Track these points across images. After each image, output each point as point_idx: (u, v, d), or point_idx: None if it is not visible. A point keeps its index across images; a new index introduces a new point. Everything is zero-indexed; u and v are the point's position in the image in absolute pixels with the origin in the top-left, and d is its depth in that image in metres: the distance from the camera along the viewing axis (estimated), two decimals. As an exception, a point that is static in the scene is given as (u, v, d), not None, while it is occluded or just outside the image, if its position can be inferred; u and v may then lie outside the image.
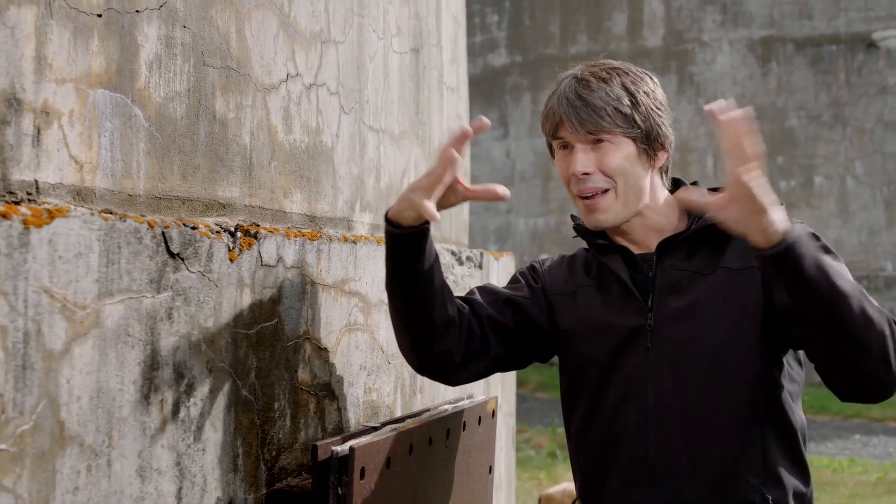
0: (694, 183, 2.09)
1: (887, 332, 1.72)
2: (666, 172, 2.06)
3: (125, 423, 1.49)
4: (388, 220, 1.89)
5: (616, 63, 2.03)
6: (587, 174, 1.95)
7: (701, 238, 1.98)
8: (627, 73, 1.99)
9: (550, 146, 2.05)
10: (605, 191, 1.96)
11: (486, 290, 2.11)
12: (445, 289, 1.97)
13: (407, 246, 1.89)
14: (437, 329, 1.96)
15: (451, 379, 2.09)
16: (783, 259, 1.67)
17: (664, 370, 1.94)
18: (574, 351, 2.06)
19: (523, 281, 2.14)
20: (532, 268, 2.18)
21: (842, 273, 1.73)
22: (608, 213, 1.97)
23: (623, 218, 1.98)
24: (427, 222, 1.87)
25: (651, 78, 2.03)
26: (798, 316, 1.78)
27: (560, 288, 2.10)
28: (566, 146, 1.99)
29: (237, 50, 1.93)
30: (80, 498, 1.40)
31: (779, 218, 1.66)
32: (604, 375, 2.00)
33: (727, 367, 1.91)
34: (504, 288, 2.13)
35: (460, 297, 2.05)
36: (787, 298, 1.76)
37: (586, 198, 1.97)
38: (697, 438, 1.92)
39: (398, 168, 2.80)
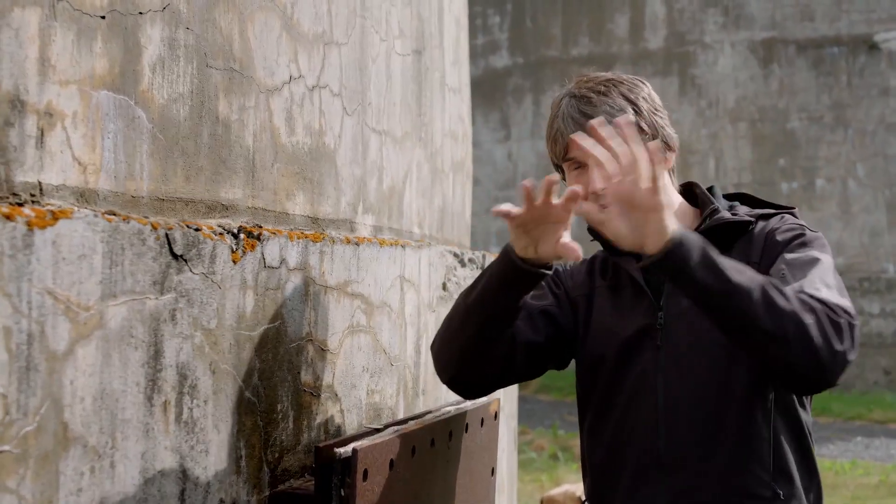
0: (710, 188, 2.11)
1: (808, 320, 1.71)
2: (673, 172, 2.08)
3: (128, 424, 1.49)
4: (515, 253, 1.89)
5: (607, 74, 2.05)
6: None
7: (711, 239, 1.99)
8: (622, 83, 2.01)
9: (559, 168, 2.05)
10: None
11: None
12: (512, 328, 2.01)
13: (525, 283, 1.92)
14: (493, 358, 2.01)
15: (472, 396, 2.16)
16: (672, 260, 1.70)
17: (673, 367, 1.97)
18: (588, 350, 2.09)
19: (546, 288, 2.16)
20: (556, 271, 2.19)
21: (741, 270, 1.73)
22: None
23: None
24: (550, 266, 1.90)
25: (643, 83, 2.05)
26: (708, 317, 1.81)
27: (579, 290, 2.14)
28: (579, 165, 1.99)
29: (240, 52, 1.93)
30: (84, 499, 1.40)
31: (672, 221, 1.71)
32: (615, 373, 2.02)
33: (735, 363, 1.93)
34: (532, 299, 2.13)
35: None
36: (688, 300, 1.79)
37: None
38: (707, 434, 1.94)
39: (400, 170, 2.80)
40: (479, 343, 1.99)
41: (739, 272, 1.73)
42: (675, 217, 1.72)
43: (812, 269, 1.85)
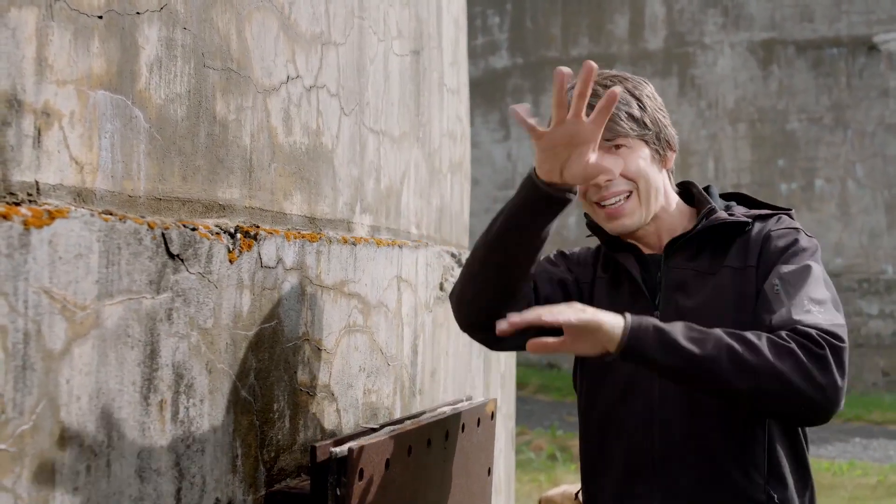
0: (707, 188, 2.11)
1: (783, 367, 1.73)
2: (671, 172, 2.09)
3: (124, 423, 1.50)
4: (538, 178, 1.86)
5: (613, 71, 2.05)
6: (610, 181, 1.96)
7: (707, 238, 2.00)
8: (628, 80, 2.02)
9: None
10: (628, 195, 1.97)
11: (539, 264, 2.11)
12: (533, 269, 2.00)
13: (551, 209, 1.88)
14: (515, 294, 1.98)
15: (495, 345, 2.12)
16: (632, 355, 1.76)
17: None
18: None
19: (564, 264, 2.16)
20: (562, 254, 2.19)
21: (703, 339, 1.76)
22: (632, 216, 1.99)
23: (645, 220, 2.00)
24: (576, 190, 1.87)
25: (646, 82, 2.06)
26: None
27: (583, 277, 2.14)
28: None
29: (237, 52, 1.94)
30: (80, 498, 1.41)
31: (613, 322, 1.76)
32: (611, 371, 2.03)
33: None
34: (553, 266, 2.14)
35: None
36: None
37: (606, 205, 1.98)
38: (700, 435, 1.94)
39: (398, 170, 2.81)
40: (502, 282, 1.96)
41: (701, 342, 1.75)
42: (605, 317, 1.77)
43: (803, 283, 1.87)
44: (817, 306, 1.83)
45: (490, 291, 1.97)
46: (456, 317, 2.07)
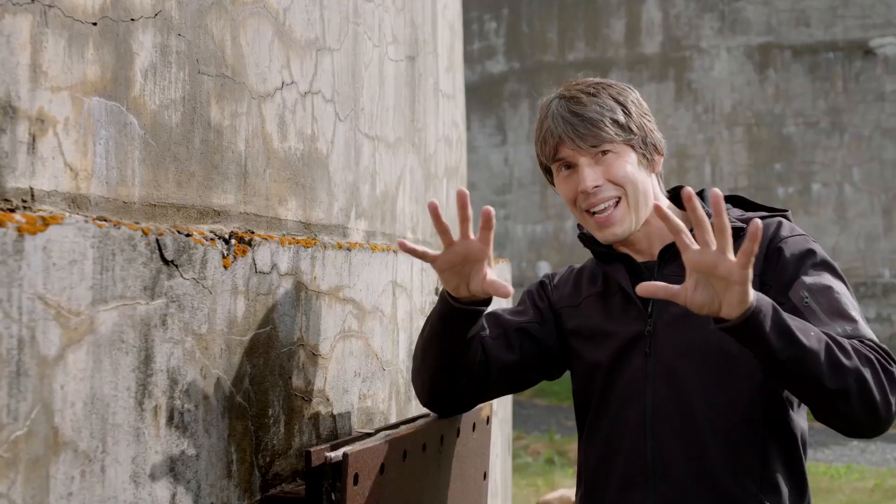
0: (700, 192, 2.10)
1: (867, 375, 1.74)
2: (661, 177, 2.09)
3: (119, 429, 1.50)
4: (449, 294, 1.94)
5: (597, 78, 2.07)
6: (598, 187, 1.96)
7: None
8: (612, 86, 2.03)
9: (548, 170, 2.07)
10: (617, 202, 1.97)
11: (494, 322, 2.15)
12: (477, 350, 2.05)
13: (466, 320, 1.97)
14: (458, 383, 2.08)
15: (452, 415, 2.24)
16: (746, 327, 1.69)
17: (662, 375, 1.97)
18: (581, 359, 2.10)
19: (529, 302, 2.20)
20: (541, 284, 2.23)
21: (806, 330, 1.74)
22: (623, 224, 1.99)
23: (636, 227, 2.00)
24: (488, 301, 1.95)
25: (632, 88, 2.07)
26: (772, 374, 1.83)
27: (567, 301, 2.16)
28: (569, 166, 2.00)
29: (232, 58, 1.94)
30: (74, 503, 1.41)
31: (748, 288, 1.68)
32: (606, 381, 2.04)
33: (725, 372, 1.93)
34: (511, 315, 2.17)
35: None
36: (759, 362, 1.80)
37: (596, 213, 1.99)
38: (694, 443, 1.94)
39: (393, 175, 2.81)
40: (444, 373, 2.05)
41: (806, 334, 1.73)
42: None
43: (839, 301, 1.86)
44: (863, 320, 1.86)
45: (436, 383, 2.09)
46: (415, 393, 2.18)
